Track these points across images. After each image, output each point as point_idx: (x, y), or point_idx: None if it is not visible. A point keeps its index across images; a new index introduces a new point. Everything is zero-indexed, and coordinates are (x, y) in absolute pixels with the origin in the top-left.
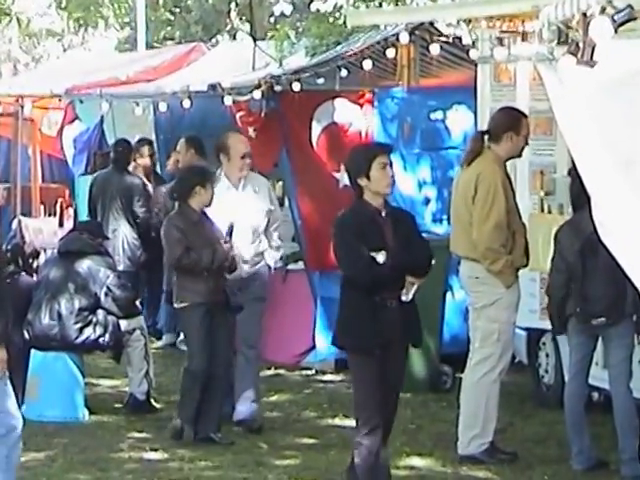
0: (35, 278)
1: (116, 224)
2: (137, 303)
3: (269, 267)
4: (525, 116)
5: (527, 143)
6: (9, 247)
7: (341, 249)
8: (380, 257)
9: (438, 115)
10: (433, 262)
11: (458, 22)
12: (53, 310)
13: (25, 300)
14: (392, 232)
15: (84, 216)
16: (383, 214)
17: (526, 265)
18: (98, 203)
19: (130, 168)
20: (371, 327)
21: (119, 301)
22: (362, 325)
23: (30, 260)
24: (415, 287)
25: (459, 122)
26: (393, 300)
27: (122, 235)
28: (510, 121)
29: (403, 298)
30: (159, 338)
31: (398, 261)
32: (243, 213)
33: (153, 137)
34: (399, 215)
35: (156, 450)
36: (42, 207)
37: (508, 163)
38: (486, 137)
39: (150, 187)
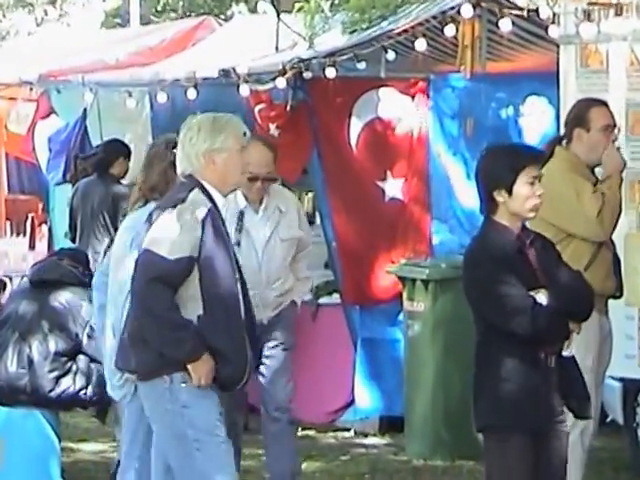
0: None
1: (100, 246)
2: None
3: (295, 304)
4: (602, 105)
5: (615, 140)
6: None
7: (491, 291)
8: (542, 297)
9: (509, 110)
10: None
11: None
12: (22, 355)
13: None
14: (537, 264)
15: (61, 235)
16: (527, 241)
17: (618, 296)
18: (78, 219)
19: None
20: (535, 396)
21: None
22: (522, 394)
23: None
24: (575, 336)
25: (536, 119)
26: (553, 356)
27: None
28: (576, 115)
29: (565, 353)
30: None
31: (564, 302)
32: (265, 245)
33: (149, 136)
34: (542, 242)
35: None
36: (8, 224)
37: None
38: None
39: None
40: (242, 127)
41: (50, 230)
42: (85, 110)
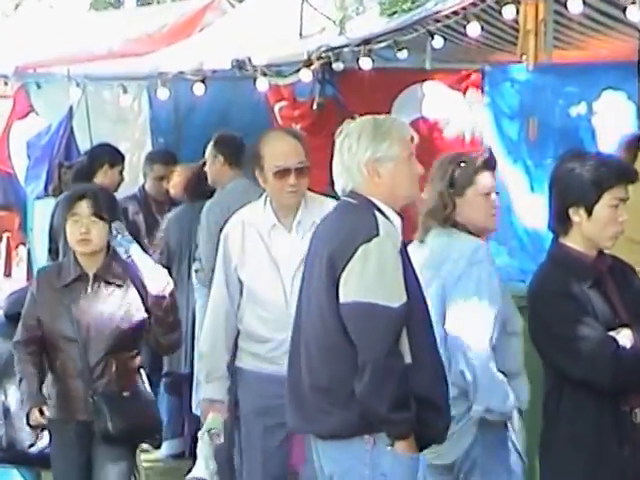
0: None
1: None
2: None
3: None
4: None
5: None
6: None
7: (562, 333)
8: (624, 338)
9: (581, 107)
10: None
11: None
12: None
13: None
14: (618, 297)
15: (42, 259)
16: (604, 270)
17: None
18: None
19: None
20: (615, 460)
21: None
22: (599, 458)
23: None
24: None
25: (612, 117)
26: (638, 409)
27: None
28: None
29: None
30: (157, 446)
31: None
32: (294, 274)
33: (148, 140)
34: (623, 269)
35: None
36: None
37: None
38: None
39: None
40: (408, 131)
41: (29, 253)
42: (71, 109)
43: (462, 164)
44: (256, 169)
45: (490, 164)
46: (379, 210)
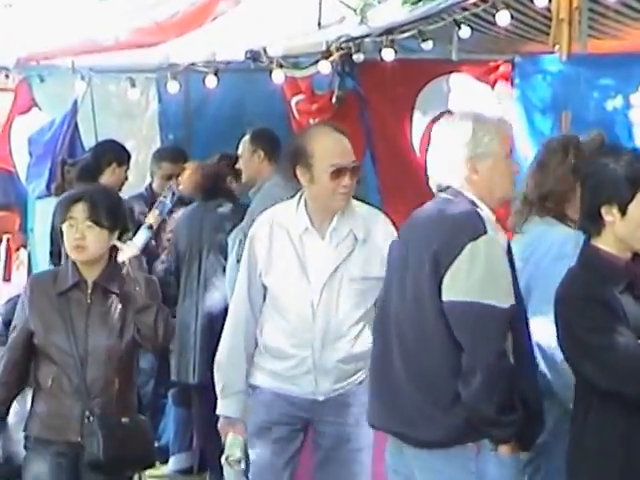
0: None
1: None
2: None
3: None
4: None
5: None
6: None
7: (592, 342)
8: None
9: (617, 100)
10: None
11: None
12: None
13: None
14: None
15: (44, 262)
16: (637, 273)
17: None
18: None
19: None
20: None
21: None
22: (636, 474)
23: None
24: None
25: None
26: None
27: None
28: None
29: None
30: (165, 461)
31: None
32: (324, 285)
33: (157, 136)
34: None
35: None
36: None
37: None
38: None
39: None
40: (508, 128)
41: (30, 256)
42: (75, 103)
43: (579, 148)
44: (299, 167)
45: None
46: (478, 208)
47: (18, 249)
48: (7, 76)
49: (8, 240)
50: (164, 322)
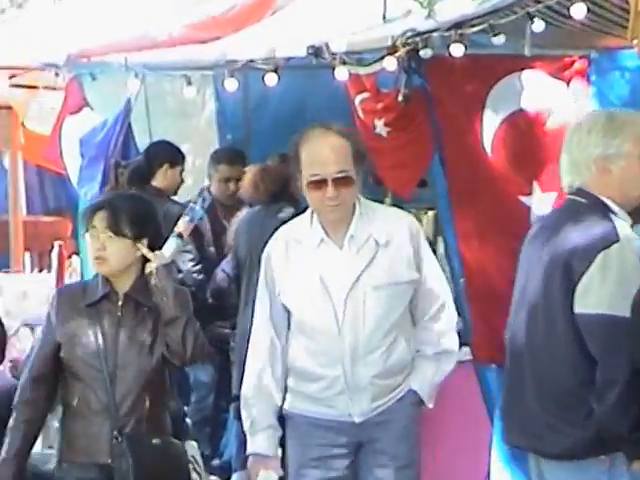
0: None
1: None
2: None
3: (415, 394)
4: None
5: None
6: None
7: None
8: None
9: None
10: None
11: None
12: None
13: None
14: None
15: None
16: None
17: None
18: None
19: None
20: None
21: None
22: None
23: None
24: None
25: None
26: None
27: None
28: None
29: None
30: (227, 479)
31: None
32: (346, 296)
33: (215, 137)
34: None
35: None
36: (27, 256)
37: None
38: None
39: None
40: None
41: (83, 263)
42: (129, 102)
43: None
44: (295, 174)
45: None
46: (611, 211)
47: (70, 256)
48: (57, 74)
49: (60, 247)
50: (193, 336)
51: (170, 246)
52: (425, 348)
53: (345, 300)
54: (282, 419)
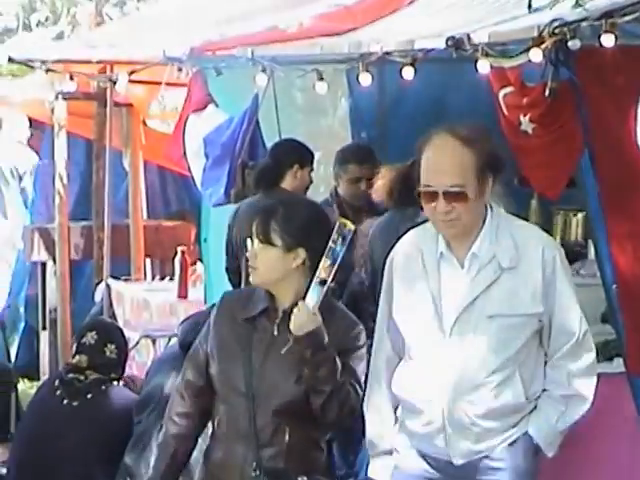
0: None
1: None
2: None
3: (534, 444)
4: None
5: None
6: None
7: None
8: None
9: None
10: None
11: None
12: None
13: (119, 430)
14: None
15: (220, 278)
16: None
17: None
18: (242, 256)
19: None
20: None
21: None
22: None
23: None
24: None
25: None
26: None
27: None
28: None
29: None
30: None
31: None
32: (455, 320)
33: (348, 135)
34: None
35: None
36: (148, 263)
37: None
38: None
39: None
40: None
41: (207, 270)
42: (256, 98)
43: None
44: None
45: None
46: None
47: (194, 263)
48: (180, 69)
49: (183, 253)
50: (338, 406)
51: (313, 295)
52: (553, 388)
53: (453, 325)
54: None
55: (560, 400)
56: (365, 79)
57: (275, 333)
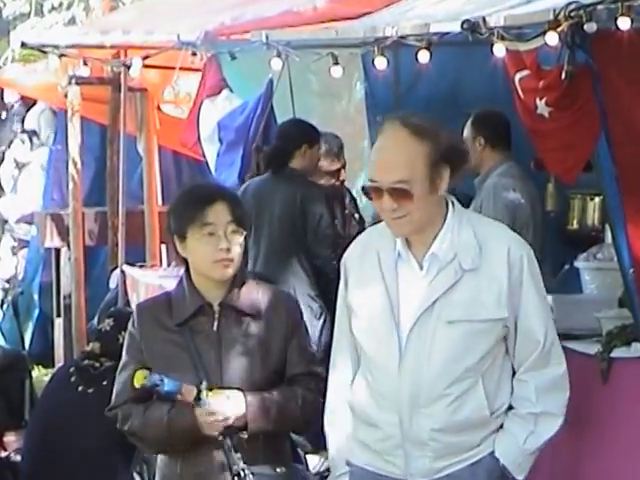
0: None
1: (278, 270)
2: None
3: (499, 465)
4: None
5: None
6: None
7: None
8: None
9: None
10: None
11: None
12: None
13: None
14: None
15: None
16: None
17: None
18: (250, 236)
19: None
20: None
21: None
22: None
23: None
24: None
25: None
26: None
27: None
28: None
29: None
30: None
31: None
32: (411, 326)
33: (363, 120)
34: None
35: None
36: (164, 249)
37: None
38: None
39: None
40: None
41: None
42: (271, 83)
43: None
44: None
45: None
46: None
47: None
48: (194, 54)
49: None
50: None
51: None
52: (519, 405)
53: (409, 332)
54: None
55: (528, 419)
56: (380, 63)
57: (216, 327)
